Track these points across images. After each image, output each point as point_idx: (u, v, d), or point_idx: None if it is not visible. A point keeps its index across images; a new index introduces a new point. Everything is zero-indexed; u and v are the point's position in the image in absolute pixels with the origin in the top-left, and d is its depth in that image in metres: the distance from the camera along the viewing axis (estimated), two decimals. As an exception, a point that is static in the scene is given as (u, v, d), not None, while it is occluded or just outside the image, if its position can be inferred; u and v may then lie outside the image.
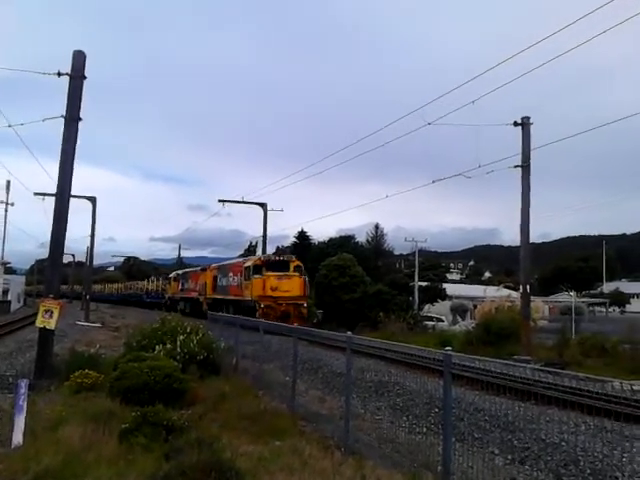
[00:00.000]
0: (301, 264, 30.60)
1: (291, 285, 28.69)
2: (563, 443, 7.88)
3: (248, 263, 31.56)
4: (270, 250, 42.83)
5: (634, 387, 8.08)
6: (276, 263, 30.18)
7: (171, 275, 52.71)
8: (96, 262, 75.87)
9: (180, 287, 46.77)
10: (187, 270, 49.78)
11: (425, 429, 8.65)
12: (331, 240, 62.84)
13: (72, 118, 14.02)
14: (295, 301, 28.42)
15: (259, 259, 31.38)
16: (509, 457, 7.90)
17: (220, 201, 40.71)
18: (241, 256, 61.38)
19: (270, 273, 28.82)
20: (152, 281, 63.53)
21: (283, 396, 10.43)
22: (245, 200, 40.17)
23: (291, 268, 29.85)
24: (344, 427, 7.78)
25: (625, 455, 7.26)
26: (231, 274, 33.90)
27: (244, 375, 12.86)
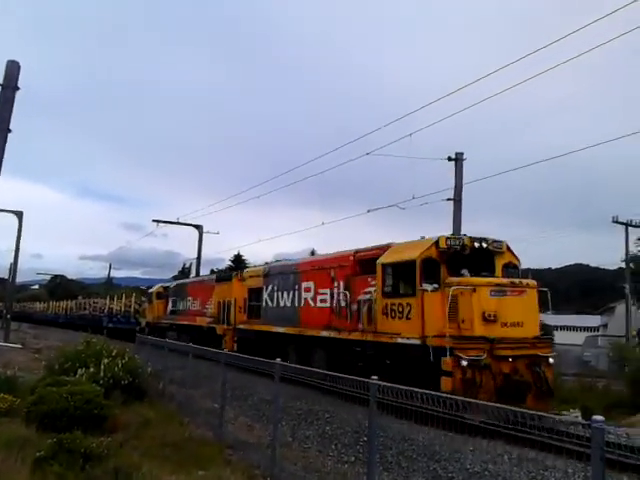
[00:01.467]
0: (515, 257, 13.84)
1: (523, 309, 12.29)
2: (486, 472, 7.99)
3: (410, 254, 13.00)
4: (205, 272, 42.14)
5: (561, 418, 8.30)
6: (474, 254, 13.14)
7: (152, 289, 36.00)
8: (20, 279, 72.06)
9: (170, 308, 31.26)
10: (185, 281, 33.69)
11: (353, 458, 8.62)
12: (266, 263, 62.52)
13: (1, 129, 13.46)
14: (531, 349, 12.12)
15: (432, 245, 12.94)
16: (434, 486, 7.94)
17: (155, 221, 39.96)
18: (174, 278, 59.82)
19: (474, 280, 12.32)
20: (119, 298, 48.28)
21: (210, 423, 10.16)
22: (180, 221, 39.57)
23: (499, 267, 13.44)
24: (271, 456, 7.63)
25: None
26: (325, 280, 16.39)
27: (171, 401, 12.47)
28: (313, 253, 75.22)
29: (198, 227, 39.64)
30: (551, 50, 13.63)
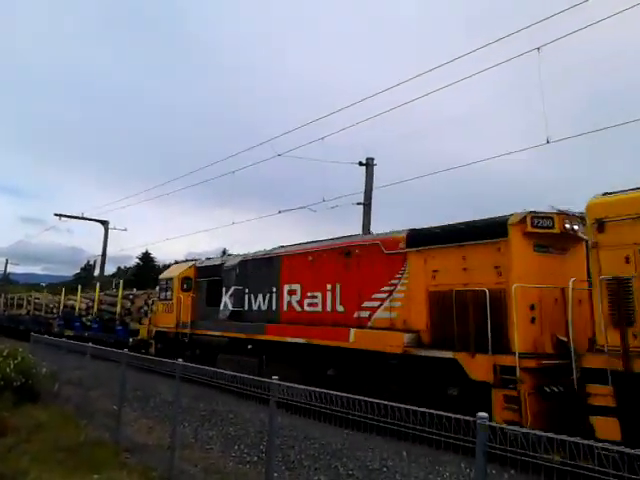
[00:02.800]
0: None
1: None
2: (385, 469, 8.21)
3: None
4: (111, 270, 40.46)
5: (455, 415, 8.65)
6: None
7: (172, 273, 20.72)
8: None
9: (232, 306, 16.85)
10: (275, 251, 15.87)
11: (256, 458, 8.60)
12: (176, 263, 61.18)
13: None
14: None
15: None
16: (334, 484, 8.06)
17: (57, 215, 38.02)
18: (76, 275, 57.20)
19: None
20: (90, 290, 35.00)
21: (108, 426, 9.79)
22: (85, 216, 37.91)
23: None
24: (170, 458, 7.46)
25: (439, 478, 7.75)
26: None
27: (67, 403, 11.91)
28: (224, 253, 74.52)
29: (104, 223, 38.11)
30: (466, 61, 14.23)
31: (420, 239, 11.38)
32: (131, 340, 22.31)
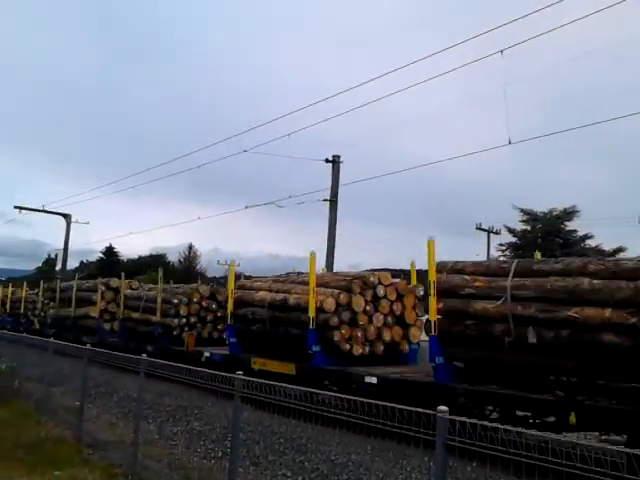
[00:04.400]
0: None
1: None
2: (350, 463, 8.29)
3: None
4: (73, 265, 39.79)
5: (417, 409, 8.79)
6: None
7: None
8: None
9: None
10: None
11: (220, 453, 8.58)
12: (141, 258, 60.50)
13: None
14: None
15: None
16: (299, 478, 8.10)
17: (17, 207, 37.14)
18: (38, 269, 56.08)
19: None
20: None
21: (70, 422, 9.66)
22: (46, 209, 37.12)
23: None
24: (133, 454, 7.41)
25: (402, 472, 7.86)
26: None
27: (27, 399, 11.71)
28: (190, 247, 73.72)
29: (66, 216, 37.38)
30: (431, 62, 14.40)
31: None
32: None
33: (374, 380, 10.13)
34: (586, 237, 41.40)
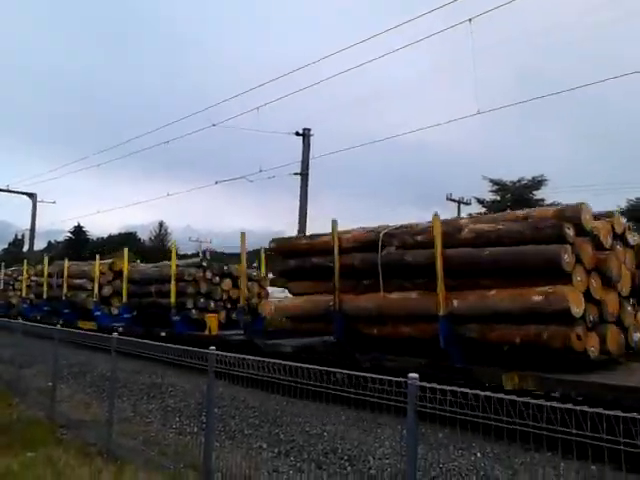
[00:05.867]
0: None
1: None
2: (325, 434, 8.41)
3: None
4: (41, 245, 39.09)
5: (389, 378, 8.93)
6: None
7: None
8: None
9: None
10: None
11: (196, 429, 8.61)
12: (111, 237, 59.69)
13: None
14: None
15: None
16: (275, 450, 8.19)
17: (-21, 188, 36.23)
18: (5, 251, 54.96)
19: None
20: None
21: (42, 403, 9.57)
22: (11, 189, 36.29)
23: None
24: (107, 432, 7.39)
25: (377, 440, 8.00)
26: None
27: (-4, 382, 11.56)
28: (161, 225, 72.91)
29: (31, 195, 36.64)
30: (399, 31, 14.29)
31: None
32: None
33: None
34: (554, 204, 42.10)
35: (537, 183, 42.32)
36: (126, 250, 18.74)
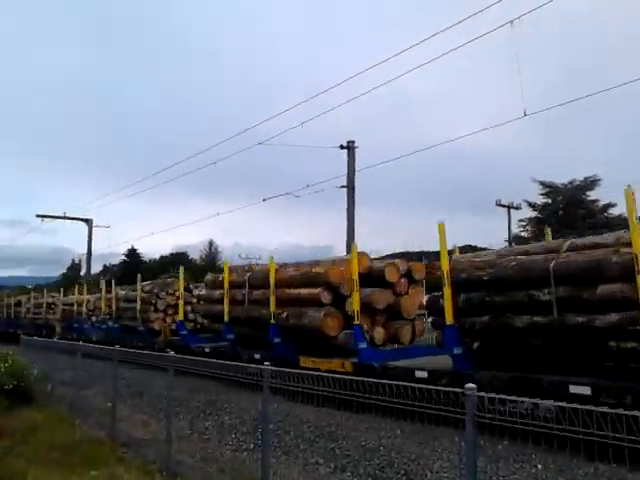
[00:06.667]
0: None
1: None
2: (381, 448, 8.30)
3: None
4: (97, 269, 40.33)
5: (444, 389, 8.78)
6: None
7: None
8: None
9: None
10: None
11: (252, 445, 8.65)
12: (163, 258, 61.02)
13: None
14: None
15: None
16: (332, 465, 8.14)
17: (38, 216, 37.74)
18: (63, 275, 56.82)
19: None
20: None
21: (103, 423, 9.80)
22: (67, 215, 37.63)
23: None
24: (166, 450, 7.50)
25: (433, 453, 7.85)
26: None
27: (60, 403, 11.90)
28: (211, 243, 74.10)
29: (87, 221, 37.89)
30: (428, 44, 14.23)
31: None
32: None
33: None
34: (609, 206, 40.68)
35: (590, 183, 41.04)
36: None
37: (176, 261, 56.76)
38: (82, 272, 47.71)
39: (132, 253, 65.65)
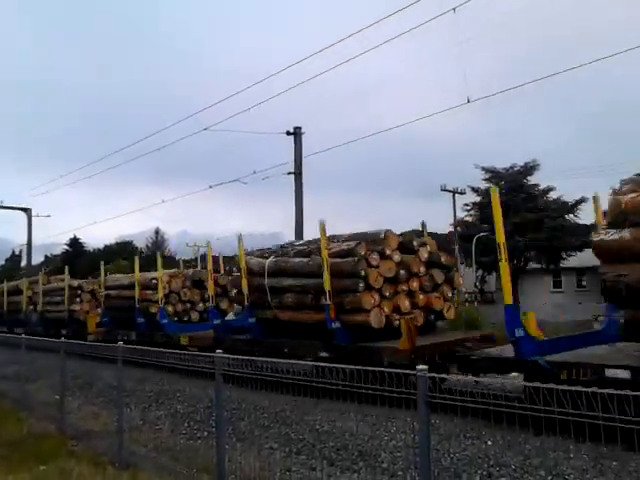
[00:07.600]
0: None
1: None
2: (334, 430, 8.43)
3: None
4: (38, 259, 38.99)
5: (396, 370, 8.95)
6: None
7: None
8: None
9: None
10: None
11: (206, 433, 8.62)
12: (107, 247, 59.54)
13: None
14: None
15: None
16: (286, 450, 8.21)
17: (-29, 205, 36.07)
18: (2, 267, 54.70)
19: None
20: None
21: (51, 416, 9.58)
22: (4, 205, 36.13)
23: None
24: (118, 441, 7.40)
25: (387, 434, 8.02)
26: None
27: (4, 398, 11.55)
28: (157, 232, 72.67)
29: (26, 210, 36.47)
30: (377, 28, 14.30)
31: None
32: None
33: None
34: (549, 189, 42.19)
35: (530, 169, 42.39)
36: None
37: (121, 250, 55.52)
38: (23, 263, 46.02)
39: (74, 242, 63.77)
